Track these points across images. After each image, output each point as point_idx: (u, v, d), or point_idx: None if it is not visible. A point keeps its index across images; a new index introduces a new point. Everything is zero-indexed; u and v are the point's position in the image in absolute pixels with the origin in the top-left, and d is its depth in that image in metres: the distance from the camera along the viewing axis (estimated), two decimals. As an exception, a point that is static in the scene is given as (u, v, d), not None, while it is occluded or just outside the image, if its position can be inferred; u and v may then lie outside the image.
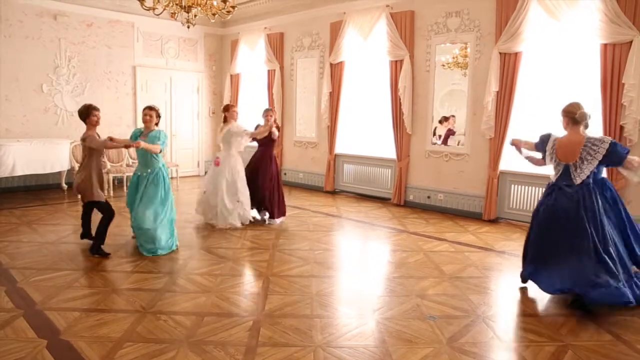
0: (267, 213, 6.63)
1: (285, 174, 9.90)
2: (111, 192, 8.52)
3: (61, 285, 4.12)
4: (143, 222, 4.97)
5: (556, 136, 4.07)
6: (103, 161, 5.29)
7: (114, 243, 5.32)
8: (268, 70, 10.09)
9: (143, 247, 5.07)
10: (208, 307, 3.72)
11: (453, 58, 7.22)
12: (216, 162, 6.33)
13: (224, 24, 11.06)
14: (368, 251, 5.86)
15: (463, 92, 7.16)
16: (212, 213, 6.30)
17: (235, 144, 6.36)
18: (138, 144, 4.84)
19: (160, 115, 5.25)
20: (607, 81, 5.64)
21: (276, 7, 9.78)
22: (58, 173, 8.69)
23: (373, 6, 7.97)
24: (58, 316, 3.48)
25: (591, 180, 3.86)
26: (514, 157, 6.35)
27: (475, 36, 6.95)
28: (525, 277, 4.27)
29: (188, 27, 5.81)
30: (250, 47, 10.41)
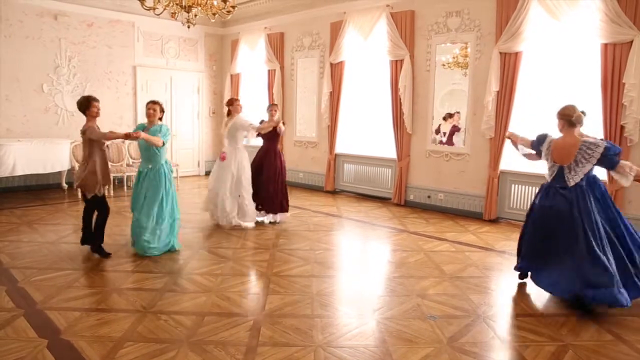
0: (267, 214, 6.58)
1: (285, 174, 9.90)
2: (111, 192, 8.53)
3: (62, 284, 4.12)
4: (144, 221, 4.94)
5: (552, 137, 4.09)
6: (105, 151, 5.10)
7: (114, 243, 5.32)
8: (268, 70, 10.09)
9: (138, 245, 4.99)
10: (208, 307, 3.73)
11: (453, 58, 7.22)
12: (222, 157, 6.27)
13: (224, 24, 11.05)
14: (368, 251, 5.86)
15: (463, 92, 7.15)
16: (217, 210, 6.26)
17: (240, 138, 6.31)
18: (138, 134, 4.78)
19: (164, 110, 5.20)
20: (608, 81, 5.65)
21: (276, 7, 9.78)
22: (58, 173, 8.72)
23: (373, 6, 7.97)
24: (59, 316, 3.49)
25: (584, 182, 3.89)
26: (514, 157, 6.36)
27: (475, 36, 6.95)
28: (521, 271, 4.38)
29: (188, 27, 5.81)
30: (250, 47, 10.42)
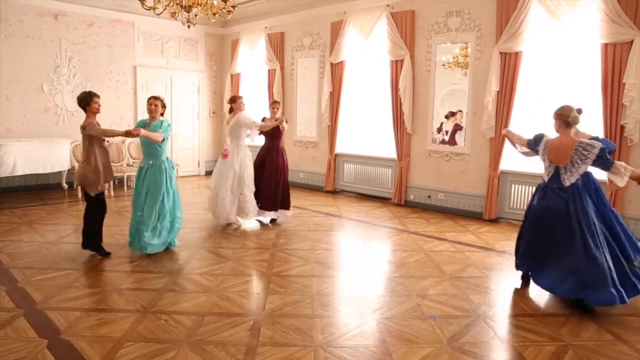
0: (267, 212, 6.56)
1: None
2: (111, 192, 8.53)
3: (62, 284, 4.12)
4: (145, 217, 4.87)
5: (549, 137, 4.09)
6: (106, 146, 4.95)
7: (114, 243, 5.31)
8: (268, 69, 10.09)
9: (138, 241, 4.92)
10: (208, 307, 3.73)
11: (453, 58, 7.21)
12: (224, 154, 6.24)
13: (225, 24, 11.05)
14: (368, 251, 5.86)
15: (463, 92, 7.15)
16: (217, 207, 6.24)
17: (243, 135, 6.29)
18: (138, 131, 4.67)
19: (165, 105, 5.11)
20: (608, 81, 5.64)
21: (277, 7, 9.78)
22: (58, 173, 8.72)
23: (373, 6, 7.97)
24: (59, 316, 3.49)
25: (580, 182, 3.89)
26: (515, 157, 6.36)
27: (475, 36, 6.95)
28: (522, 271, 4.39)
29: (188, 27, 5.81)
30: (250, 47, 10.41)
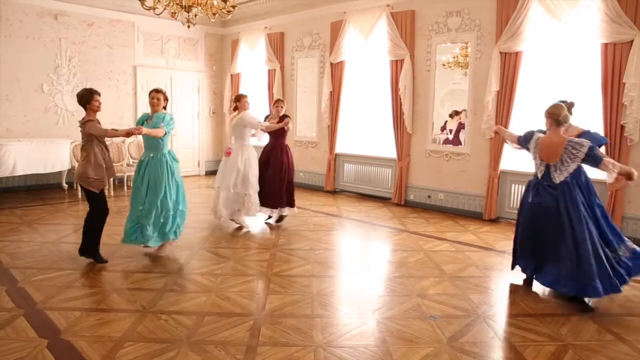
0: (271, 210, 6.51)
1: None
2: (111, 192, 8.52)
3: (62, 284, 4.12)
4: (146, 210, 4.77)
5: (539, 135, 4.10)
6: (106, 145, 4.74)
7: (114, 243, 5.26)
8: (268, 69, 10.09)
9: (136, 235, 4.82)
10: (208, 307, 3.73)
11: (453, 57, 7.21)
12: (227, 152, 6.15)
13: (225, 24, 11.05)
14: (369, 251, 5.86)
15: (464, 92, 7.15)
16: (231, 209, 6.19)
17: (248, 134, 6.21)
18: (140, 130, 4.51)
19: (167, 98, 4.96)
20: (608, 81, 5.64)
21: (276, 7, 9.78)
22: (58, 173, 8.71)
23: (373, 6, 7.97)
24: (59, 316, 3.49)
25: (569, 179, 3.90)
26: (514, 157, 6.37)
27: (475, 36, 6.95)
28: (523, 271, 4.39)
29: (188, 27, 5.81)
30: (250, 47, 10.41)
